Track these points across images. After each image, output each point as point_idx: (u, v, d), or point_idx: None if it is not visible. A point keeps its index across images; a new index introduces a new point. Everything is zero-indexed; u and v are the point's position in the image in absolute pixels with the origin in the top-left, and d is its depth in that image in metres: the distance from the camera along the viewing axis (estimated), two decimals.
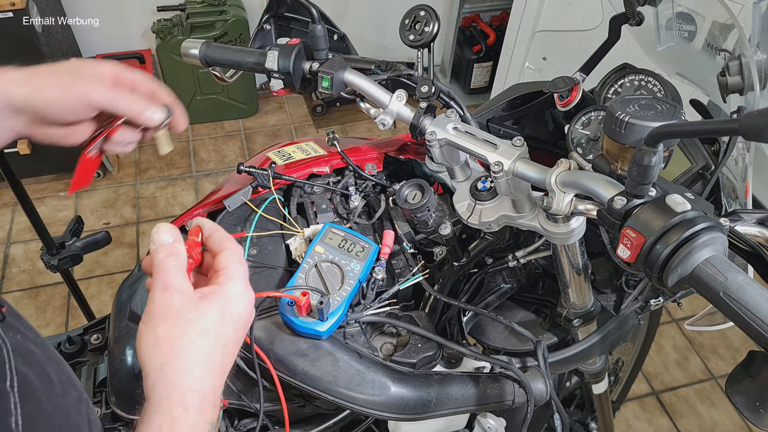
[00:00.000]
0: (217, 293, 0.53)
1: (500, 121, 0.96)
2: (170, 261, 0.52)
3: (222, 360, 0.52)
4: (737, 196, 0.76)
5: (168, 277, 0.51)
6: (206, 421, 0.49)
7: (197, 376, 0.49)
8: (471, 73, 3.26)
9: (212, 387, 0.51)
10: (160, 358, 0.49)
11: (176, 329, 0.49)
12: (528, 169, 0.63)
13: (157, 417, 0.47)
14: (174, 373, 0.48)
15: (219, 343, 0.51)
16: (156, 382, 0.48)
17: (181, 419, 0.47)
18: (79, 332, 0.92)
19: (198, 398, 0.49)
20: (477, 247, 0.79)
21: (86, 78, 0.61)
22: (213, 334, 0.51)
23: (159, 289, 0.51)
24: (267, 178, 0.87)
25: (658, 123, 0.51)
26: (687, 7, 0.82)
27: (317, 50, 0.85)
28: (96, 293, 2.29)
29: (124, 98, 0.63)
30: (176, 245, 0.54)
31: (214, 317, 0.51)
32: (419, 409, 0.72)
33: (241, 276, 0.55)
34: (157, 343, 0.49)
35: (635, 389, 2.05)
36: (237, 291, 0.54)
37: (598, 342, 0.84)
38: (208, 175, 2.86)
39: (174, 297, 0.50)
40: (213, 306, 0.52)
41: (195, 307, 0.51)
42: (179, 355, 0.49)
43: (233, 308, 0.53)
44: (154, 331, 0.49)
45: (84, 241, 1.38)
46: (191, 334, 0.50)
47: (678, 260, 0.48)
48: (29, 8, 2.21)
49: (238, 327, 0.54)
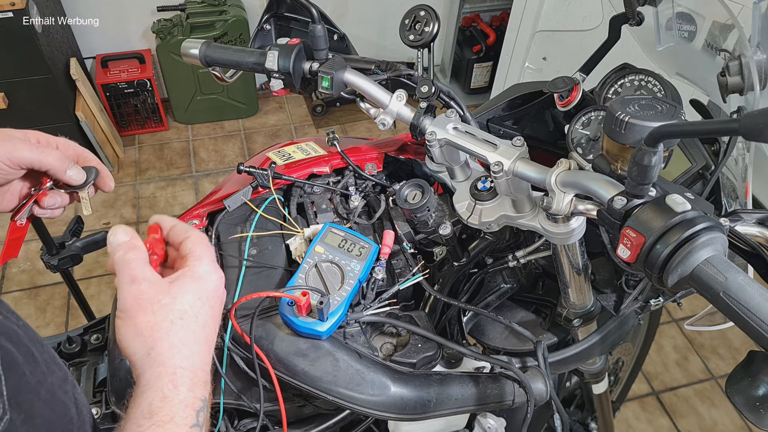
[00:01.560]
0: (186, 275, 0.54)
1: (500, 121, 0.96)
2: (130, 255, 0.53)
3: (205, 337, 0.53)
4: (737, 196, 0.76)
5: (132, 270, 0.52)
6: (197, 398, 0.49)
7: (185, 354, 0.50)
8: (471, 73, 3.26)
9: (201, 364, 0.52)
10: (144, 345, 0.49)
11: (154, 316, 0.50)
12: (528, 169, 0.63)
13: (147, 395, 0.47)
14: (162, 355, 0.49)
15: (198, 322, 0.52)
16: (145, 366, 0.49)
17: (171, 395, 0.48)
18: (79, 332, 0.92)
19: (188, 375, 0.49)
20: (477, 247, 0.79)
21: (10, 137, 0.62)
22: (191, 314, 0.52)
23: (126, 283, 0.51)
24: (267, 178, 0.87)
25: (658, 123, 0.51)
26: (687, 7, 0.82)
27: (317, 50, 0.85)
28: (96, 293, 2.29)
29: (50, 154, 0.64)
30: (133, 241, 0.54)
31: (189, 298, 0.52)
32: (419, 409, 0.72)
33: (208, 256, 0.56)
34: (138, 332, 0.49)
35: (635, 389, 2.05)
36: (205, 269, 0.55)
37: (598, 342, 0.84)
38: (208, 175, 2.86)
39: (143, 286, 0.51)
40: (185, 287, 0.53)
41: (168, 292, 0.52)
42: (164, 339, 0.50)
43: (204, 286, 0.54)
44: (133, 322, 0.50)
45: (84, 241, 1.38)
46: (170, 316, 0.51)
47: (678, 260, 0.48)
48: (29, 8, 2.21)
49: (214, 304, 0.55)
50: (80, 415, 0.46)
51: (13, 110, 2.44)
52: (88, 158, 0.70)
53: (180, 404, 0.48)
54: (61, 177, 0.66)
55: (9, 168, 0.62)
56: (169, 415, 0.46)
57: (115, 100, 2.87)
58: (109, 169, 2.77)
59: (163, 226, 0.59)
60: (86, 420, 0.47)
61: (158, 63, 2.86)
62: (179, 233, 0.58)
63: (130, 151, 2.97)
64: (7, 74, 2.36)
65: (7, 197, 0.67)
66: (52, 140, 0.67)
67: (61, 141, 0.68)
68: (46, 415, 0.41)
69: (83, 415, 0.47)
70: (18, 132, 0.64)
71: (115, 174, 2.82)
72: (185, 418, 0.47)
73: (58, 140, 0.68)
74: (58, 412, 0.43)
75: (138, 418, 0.46)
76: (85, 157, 0.70)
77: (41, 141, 0.66)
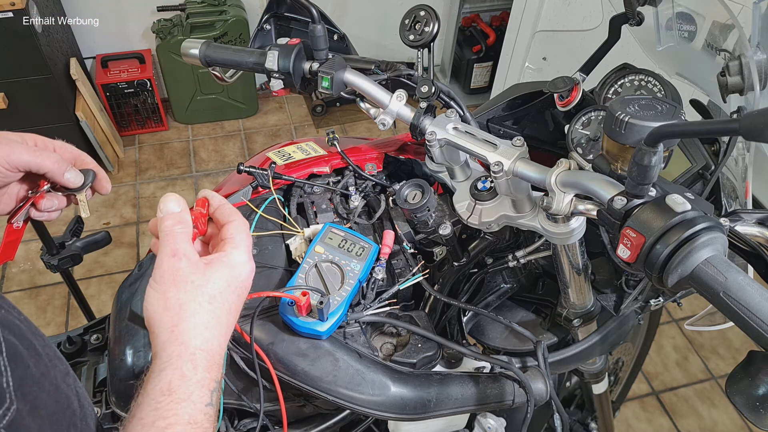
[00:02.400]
0: (222, 261, 0.55)
1: (500, 121, 0.96)
2: (177, 228, 0.55)
3: (227, 323, 0.55)
4: (737, 196, 0.76)
5: (176, 243, 0.54)
6: (212, 379, 0.51)
7: (206, 337, 0.52)
8: (471, 73, 3.26)
9: (218, 348, 0.54)
10: (170, 321, 0.51)
11: (185, 295, 0.52)
12: (528, 169, 0.63)
13: (167, 372, 0.49)
14: (185, 334, 0.51)
15: (224, 308, 0.54)
16: (168, 342, 0.51)
17: (190, 374, 0.49)
18: (79, 332, 0.92)
19: (206, 357, 0.51)
20: (477, 247, 0.79)
21: (8, 140, 0.63)
22: (219, 299, 0.54)
23: (168, 255, 0.53)
24: (267, 178, 0.87)
25: (658, 123, 0.51)
26: (687, 7, 0.82)
27: (317, 50, 0.85)
28: (96, 293, 2.29)
29: (48, 157, 0.65)
30: (183, 214, 0.56)
31: (220, 284, 0.54)
32: (419, 409, 0.72)
33: (246, 246, 0.58)
34: (167, 307, 0.51)
35: (635, 389, 2.05)
36: (241, 259, 0.56)
37: (598, 342, 0.84)
38: (208, 175, 2.86)
39: (182, 263, 0.53)
40: (219, 273, 0.54)
41: (202, 273, 0.53)
42: (189, 319, 0.51)
43: (237, 275, 0.56)
44: (164, 296, 0.52)
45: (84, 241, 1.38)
46: (200, 299, 0.52)
47: (678, 260, 0.48)
48: (29, 8, 2.21)
49: (241, 294, 0.57)
50: (82, 408, 0.47)
51: (13, 110, 2.44)
52: (86, 161, 0.70)
53: (197, 384, 0.49)
54: (58, 180, 0.66)
55: (6, 171, 0.62)
56: (186, 393, 0.48)
57: (115, 100, 2.87)
58: (110, 169, 2.80)
59: (212, 203, 0.61)
60: (88, 413, 0.48)
61: (158, 63, 2.86)
62: (225, 215, 0.59)
63: (130, 151, 2.97)
64: (7, 74, 2.36)
65: (4, 199, 0.67)
66: (49, 143, 0.67)
67: (58, 144, 0.68)
68: (50, 406, 0.42)
69: (85, 408, 0.48)
70: (15, 135, 0.64)
71: (115, 174, 2.82)
72: (201, 397, 0.49)
73: (55, 143, 0.68)
74: (62, 404, 0.44)
75: (157, 394, 0.48)
76: (83, 159, 0.70)
77: (39, 144, 0.66)
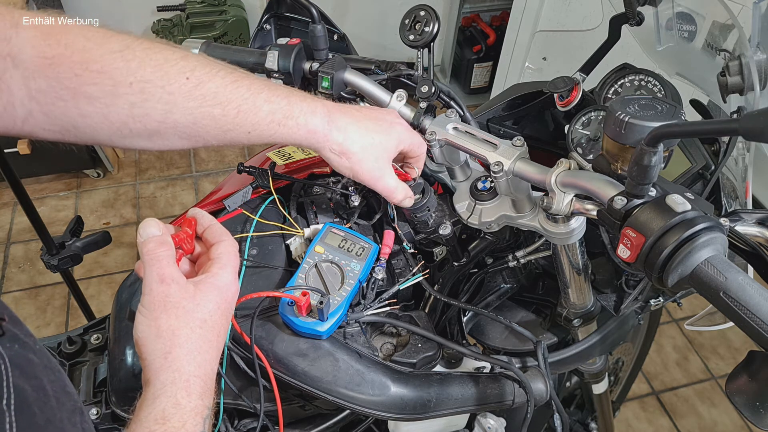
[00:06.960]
0: (210, 283, 0.55)
1: (500, 121, 0.96)
2: (161, 252, 0.54)
3: (217, 346, 0.55)
4: (737, 196, 0.76)
5: (161, 268, 0.53)
6: (205, 406, 0.51)
7: (199, 362, 0.52)
8: (471, 73, 3.26)
9: (211, 373, 0.54)
10: (163, 347, 0.51)
11: (177, 321, 0.52)
12: (528, 169, 0.63)
13: (161, 400, 0.49)
14: (178, 361, 0.51)
15: (214, 331, 0.54)
16: (160, 369, 0.50)
17: (184, 402, 0.49)
18: (79, 332, 0.92)
19: (200, 384, 0.51)
20: (477, 247, 0.79)
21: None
22: (209, 323, 0.54)
23: (155, 281, 0.52)
24: (267, 178, 0.87)
25: (658, 123, 0.51)
26: (687, 7, 0.82)
27: (317, 50, 0.85)
28: (96, 293, 2.29)
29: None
30: (164, 237, 0.55)
31: (210, 307, 0.54)
32: (419, 409, 0.72)
33: (233, 267, 0.57)
34: (159, 334, 0.51)
35: (635, 389, 2.05)
36: (228, 280, 0.56)
37: (598, 342, 0.84)
38: (208, 175, 2.86)
39: (171, 288, 0.52)
40: (209, 296, 0.54)
41: (192, 298, 0.53)
42: (182, 345, 0.51)
43: (225, 297, 0.56)
44: (156, 323, 0.51)
45: (84, 241, 1.38)
46: (191, 324, 0.52)
47: (678, 260, 0.48)
48: (29, 8, 2.21)
49: (229, 315, 0.57)
50: None
51: None
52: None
53: (191, 412, 0.49)
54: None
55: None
56: (180, 422, 0.48)
57: None
58: (109, 169, 2.79)
59: (202, 222, 0.60)
60: None
61: None
62: (215, 235, 0.59)
63: (130, 151, 2.97)
64: None
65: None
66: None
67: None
68: None
69: None
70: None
71: (115, 174, 2.82)
72: (195, 426, 0.49)
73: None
74: None
75: (150, 423, 0.47)
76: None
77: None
